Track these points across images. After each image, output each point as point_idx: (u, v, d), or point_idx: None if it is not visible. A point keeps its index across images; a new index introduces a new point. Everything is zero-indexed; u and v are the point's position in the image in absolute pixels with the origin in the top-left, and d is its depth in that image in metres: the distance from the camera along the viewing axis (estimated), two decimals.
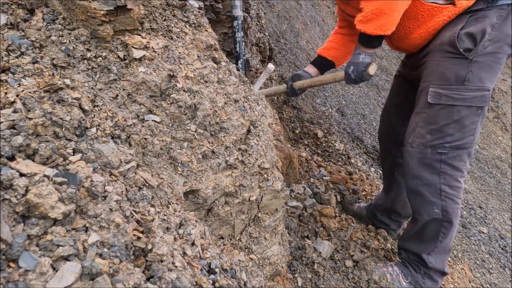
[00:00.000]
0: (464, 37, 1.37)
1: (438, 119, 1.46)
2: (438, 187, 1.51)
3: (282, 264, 1.37)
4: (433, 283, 1.67)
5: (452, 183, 1.51)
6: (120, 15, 0.96)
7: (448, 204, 1.52)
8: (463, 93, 1.40)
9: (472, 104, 1.40)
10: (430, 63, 1.49)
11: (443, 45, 1.44)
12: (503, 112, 5.43)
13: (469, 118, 1.43)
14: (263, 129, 1.26)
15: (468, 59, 1.38)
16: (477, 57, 1.37)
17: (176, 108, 1.00)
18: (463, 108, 1.41)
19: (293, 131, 2.85)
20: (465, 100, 1.40)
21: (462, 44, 1.37)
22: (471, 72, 1.38)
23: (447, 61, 1.42)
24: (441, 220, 1.55)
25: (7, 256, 0.56)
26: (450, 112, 1.43)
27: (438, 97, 1.44)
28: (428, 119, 1.49)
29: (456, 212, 1.55)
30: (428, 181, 1.52)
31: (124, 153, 0.84)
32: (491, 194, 3.64)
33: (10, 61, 0.82)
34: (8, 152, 0.66)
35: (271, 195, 1.25)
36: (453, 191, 1.52)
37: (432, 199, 1.53)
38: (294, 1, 4.32)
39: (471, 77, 1.38)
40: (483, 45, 1.35)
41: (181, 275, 0.72)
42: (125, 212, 0.74)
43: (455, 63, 1.40)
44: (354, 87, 3.94)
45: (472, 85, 1.39)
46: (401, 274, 1.69)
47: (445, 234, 1.58)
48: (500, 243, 2.75)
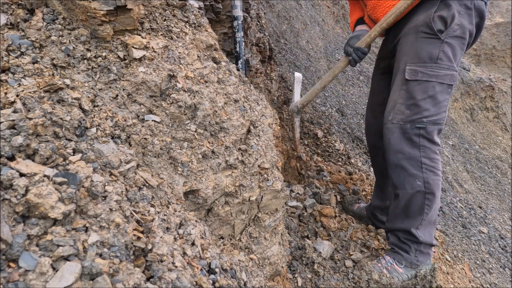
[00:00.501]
0: (437, 19, 1.52)
1: (415, 94, 1.58)
2: (419, 160, 1.61)
3: (282, 264, 1.37)
4: (425, 256, 1.73)
5: (431, 155, 1.62)
6: (120, 15, 0.96)
7: (429, 176, 1.62)
8: (436, 71, 1.55)
9: (444, 81, 1.56)
10: (405, 45, 1.63)
11: (418, 27, 1.58)
12: (503, 112, 5.44)
13: (442, 95, 1.57)
14: (263, 129, 1.26)
15: (440, 39, 1.53)
16: (447, 38, 1.53)
17: (176, 108, 1.00)
18: (436, 84, 1.56)
19: None
20: (438, 77, 1.55)
21: (436, 25, 1.52)
22: (442, 52, 1.53)
23: (421, 41, 1.57)
24: (424, 192, 1.64)
25: (7, 256, 0.56)
26: (426, 88, 1.56)
27: (415, 74, 1.58)
28: (406, 95, 1.61)
29: (437, 184, 1.65)
30: (409, 154, 1.62)
31: (124, 153, 0.84)
32: (491, 194, 3.64)
33: (10, 61, 0.82)
34: (8, 152, 0.66)
35: (271, 195, 1.25)
36: (432, 163, 1.63)
37: (414, 171, 1.63)
38: (294, 1, 4.32)
39: (443, 56, 1.53)
40: (452, 28, 1.51)
41: (181, 275, 0.72)
42: (125, 212, 0.74)
43: (429, 42, 1.55)
44: (354, 87, 3.94)
45: (444, 63, 1.54)
46: (395, 262, 1.75)
47: (430, 206, 1.67)
48: (500, 243, 2.75)
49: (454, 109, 5.04)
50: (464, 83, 5.28)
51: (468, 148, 4.35)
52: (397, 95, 1.65)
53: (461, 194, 3.21)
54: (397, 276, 1.70)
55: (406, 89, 1.61)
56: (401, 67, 1.63)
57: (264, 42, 2.32)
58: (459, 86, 5.23)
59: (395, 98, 1.66)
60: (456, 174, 3.56)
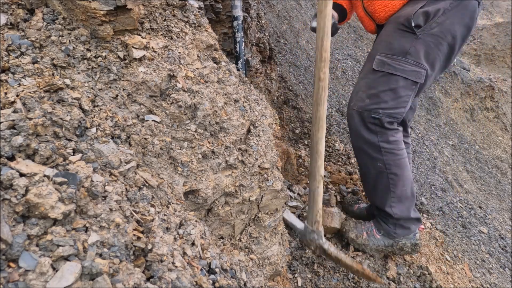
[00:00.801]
0: (420, 14, 1.51)
1: (377, 84, 1.60)
2: (377, 145, 1.67)
3: (282, 264, 1.37)
4: (404, 230, 1.80)
5: (389, 139, 1.66)
6: (120, 15, 0.96)
7: (389, 158, 1.68)
8: (403, 65, 1.55)
9: (409, 77, 1.55)
10: (383, 33, 1.65)
11: (398, 18, 1.58)
12: (503, 112, 5.44)
13: (404, 90, 1.58)
14: (263, 129, 1.26)
15: (415, 35, 1.52)
16: (422, 35, 1.52)
17: (176, 108, 1.00)
18: (400, 79, 1.56)
19: (293, 131, 2.85)
20: (404, 72, 1.55)
21: (416, 20, 1.51)
22: (413, 47, 1.52)
23: (396, 33, 1.57)
24: (386, 173, 1.71)
25: (7, 256, 0.56)
26: (389, 80, 1.58)
27: (382, 65, 1.59)
28: (369, 83, 1.64)
29: (398, 163, 1.70)
30: (368, 139, 1.68)
31: (124, 153, 0.84)
32: (491, 194, 3.64)
33: (10, 61, 0.82)
34: (8, 152, 0.66)
35: (271, 195, 1.25)
36: (391, 145, 1.67)
37: (374, 155, 1.69)
38: (294, 1, 4.32)
39: (413, 52, 1.53)
40: (430, 25, 1.49)
41: (181, 275, 0.72)
42: (125, 212, 0.74)
43: (403, 35, 1.55)
44: None
45: (412, 59, 1.54)
46: (375, 229, 1.84)
47: (395, 185, 1.72)
48: (500, 243, 2.75)
49: (454, 109, 5.04)
50: (464, 83, 5.28)
51: (468, 148, 4.35)
52: (362, 83, 1.69)
53: (461, 194, 3.21)
54: (374, 241, 1.81)
55: (371, 78, 1.63)
56: (372, 54, 1.66)
57: (264, 42, 2.31)
58: (459, 86, 5.23)
59: (360, 85, 1.70)
60: (456, 174, 3.56)
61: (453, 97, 5.10)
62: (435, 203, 2.81)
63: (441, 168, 3.43)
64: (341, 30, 4.85)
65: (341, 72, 4.07)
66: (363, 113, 1.65)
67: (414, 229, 1.82)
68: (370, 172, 1.77)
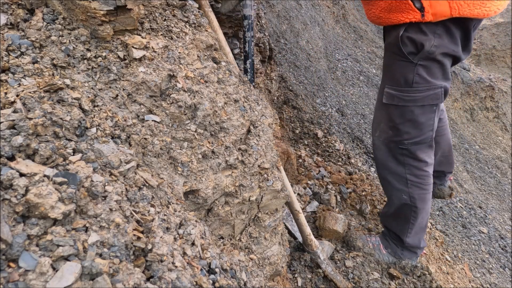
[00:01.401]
0: (406, 40, 1.39)
1: (393, 117, 1.53)
2: (404, 177, 1.61)
3: (282, 264, 1.37)
4: (410, 253, 1.84)
5: (417, 173, 1.60)
6: (120, 15, 0.96)
7: (414, 191, 1.63)
8: (413, 95, 1.44)
9: (424, 103, 1.45)
10: (385, 62, 1.57)
11: (391, 46, 1.48)
12: (503, 112, 5.43)
13: (423, 116, 1.48)
14: (263, 129, 1.26)
15: (413, 63, 1.41)
16: (421, 61, 1.40)
17: (176, 108, 1.00)
18: (415, 108, 1.46)
19: (293, 131, 2.85)
20: (417, 101, 1.45)
21: (406, 48, 1.40)
22: (417, 75, 1.41)
23: (395, 64, 1.47)
24: (410, 205, 1.67)
25: (7, 256, 0.56)
26: (403, 112, 1.49)
27: (391, 98, 1.51)
28: (386, 117, 1.58)
29: (423, 197, 1.66)
30: (394, 170, 1.63)
31: (124, 153, 0.84)
32: (491, 194, 3.64)
33: (10, 61, 0.82)
34: (8, 152, 0.66)
35: (271, 195, 1.25)
36: (418, 179, 1.62)
37: (399, 186, 1.65)
38: (294, 1, 4.32)
39: (419, 79, 1.42)
40: (428, 51, 1.37)
41: (181, 275, 0.72)
42: (125, 212, 0.74)
43: (402, 66, 1.44)
44: (354, 87, 3.94)
45: (421, 86, 1.42)
46: (382, 245, 1.86)
47: (415, 218, 1.70)
48: (500, 243, 2.75)
49: (454, 109, 5.04)
50: (464, 83, 5.28)
51: (468, 148, 4.35)
52: (379, 114, 1.63)
53: (461, 194, 3.20)
54: (379, 254, 1.85)
55: (386, 111, 1.57)
56: (381, 87, 1.59)
57: (264, 42, 2.32)
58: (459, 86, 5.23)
59: (379, 117, 1.63)
60: (456, 174, 3.56)
61: (453, 97, 5.10)
62: (435, 203, 2.81)
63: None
64: (341, 30, 4.85)
65: (341, 72, 4.07)
66: (389, 144, 1.60)
67: (419, 253, 1.87)
68: (393, 202, 1.73)
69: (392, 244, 1.88)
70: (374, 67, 4.63)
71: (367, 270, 1.85)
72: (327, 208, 2.12)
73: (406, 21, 1.37)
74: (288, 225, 1.81)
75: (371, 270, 1.86)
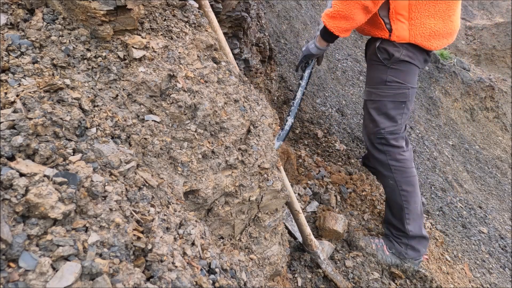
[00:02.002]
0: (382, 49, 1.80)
1: (371, 111, 1.89)
2: (387, 163, 1.89)
3: (282, 264, 1.37)
4: (415, 252, 1.94)
5: (397, 157, 1.88)
6: (120, 15, 0.96)
7: (398, 175, 1.88)
8: (386, 91, 1.83)
9: (395, 99, 1.82)
10: (367, 70, 1.96)
11: (370, 54, 1.89)
12: (503, 112, 5.43)
13: (395, 110, 1.84)
14: (263, 129, 1.26)
15: (386, 66, 1.80)
16: (393, 65, 1.79)
17: (176, 108, 1.00)
18: (388, 103, 1.83)
19: (293, 131, 2.85)
20: (388, 97, 1.83)
21: (381, 55, 1.80)
22: (390, 76, 1.80)
23: (373, 68, 1.87)
24: (398, 189, 1.90)
25: (7, 256, 0.56)
26: (379, 106, 1.86)
27: (369, 95, 1.90)
28: (367, 112, 1.93)
29: (407, 180, 1.89)
30: (379, 159, 1.92)
31: (124, 153, 0.84)
32: (491, 194, 3.64)
33: (10, 61, 0.82)
34: (8, 152, 0.66)
35: (271, 195, 1.25)
36: (399, 163, 1.88)
37: (386, 173, 1.92)
38: (294, 1, 4.32)
39: (390, 79, 1.80)
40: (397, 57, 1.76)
41: (181, 275, 0.72)
42: (125, 212, 0.74)
43: (378, 69, 1.84)
44: (354, 87, 3.94)
45: (392, 85, 1.81)
46: (386, 245, 1.97)
47: (408, 201, 1.90)
48: (500, 243, 2.75)
49: (454, 109, 5.03)
50: (464, 83, 5.27)
51: (468, 148, 4.35)
52: (364, 113, 2.00)
53: (461, 194, 3.20)
54: (382, 255, 1.94)
55: (366, 109, 1.94)
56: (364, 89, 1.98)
57: (264, 42, 2.31)
58: (459, 86, 5.22)
59: (364, 116, 2.01)
60: (456, 174, 3.55)
61: (453, 97, 5.10)
62: (435, 203, 2.81)
63: (441, 168, 3.43)
64: None
65: (341, 72, 4.06)
66: (370, 136, 1.92)
67: (423, 252, 1.97)
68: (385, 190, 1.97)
69: (396, 243, 1.94)
70: None
71: (367, 270, 1.85)
72: (327, 208, 2.12)
73: (379, 36, 1.80)
74: (288, 225, 1.81)
75: (371, 270, 1.86)
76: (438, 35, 1.73)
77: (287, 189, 1.35)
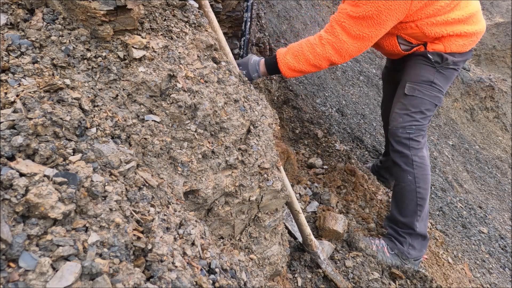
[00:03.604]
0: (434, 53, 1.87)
1: (410, 107, 1.95)
2: (410, 158, 1.94)
3: (282, 264, 1.37)
4: (416, 252, 1.96)
5: (419, 154, 1.95)
6: (120, 15, 0.96)
7: (418, 171, 1.94)
8: (429, 91, 1.92)
9: (433, 101, 1.94)
10: (409, 68, 2.00)
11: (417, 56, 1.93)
12: (503, 112, 5.43)
13: (429, 111, 1.95)
14: (263, 129, 1.26)
15: (436, 68, 1.89)
16: (441, 69, 1.89)
17: (176, 108, 1.00)
18: (427, 102, 1.93)
19: (293, 131, 2.85)
20: (430, 97, 1.93)
21: (433, 57, 1.88)
22: (436, 78, 1.90)
23: (420, 66, 1.93)
24: (415, 186, 1.95)
25: (7, 256, 0.56)
26: (418, 103, 1.94)
27: (412, 90, 1.95)
28: (402, 106, 1.98)
29: (425, 178, 1.96)
30: (403, 153, 1.96)
31: (124, 153, 0.84)
32: (491, 194, 3.64)
33: (10, 61, 0.82)
34: (8, 152, 0.66)
35: (271, 195, 1.25)
36: (421, 160, 1.95)
37: (406, 168, 1.96)
38: (294, 1, 4.32)
39: (436, 81, 1.91)
40: (448, 62, 1.87)
41: (181, 275, 0.72)
42: (125, 212, 0.74)
43: (427, 69, 1.91)
44: (354, 87, 3.94)
45: (436, 87, 1.92)
46: (386, 247, 1.98)
47: (422, 198, 1.96)
48: (500, 243, 2.75)
49: (454, 109, 5.03)
50: (464, 83, 5.27)
51: (468, 148, 4.35)
52: (396, 106, 2.02)
53: (461, 194, 3.20)
54: (382, 256, 1.95)
55: (403, 102, 1.98)
56: (403, 83, 2.01)
57: (264, 42, 2.32)
58: (459, 86, 5.22)
59: (395, 108, 2.02)
60: (456, 174, 3.55)
61: (453, 97, 5.10)
62: (435, 203, 2.81)
63: (441, 168, 3.43)
64: None
65: (341, 72, 4.07)
66: (397, 129, 1.96)
67: (423, 252, 2.01)
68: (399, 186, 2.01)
69: (398, 243, 1.95)
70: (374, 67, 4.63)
71: (367, 270, 1.85)
72: (327, 208, 2.12)
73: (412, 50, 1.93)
74: (288, 225, 1.81)
75: (371, 270, 1.86)
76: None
77: (287, 189, 1.34)
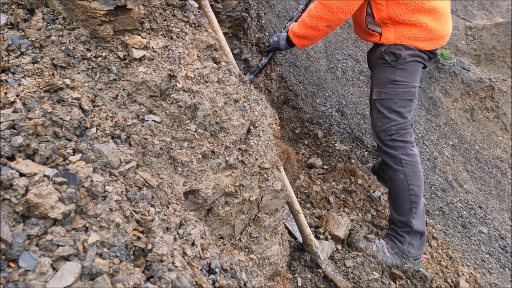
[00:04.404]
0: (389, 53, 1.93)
1: (383, 110, 2.00)
2: (398, 157, 1.97)
3: (282, 264, 1.37)
4: (416, 250, 1.98)
5: (408, 152, 1.97)
6: (120, 15, 0.96)
7: (409, 169, 1.96)
8: (395, 90, 1.95)
9: (403, 97, 1.95)
10: (373, 74, 2.11)
11: (376, 58, 2.02)
12: (503, 112, 5.43)
13: (403, 108, 1.96)
14: (263, 129, 1.26)
15: (395, 67, 1.93)
16: (400, 65, 1.92)
17: (176, 108, 1.00)
18: (397, 100, 1.96)
19: (293, 131, 2.85)
20: (398, 95, 1.95)
21: (388, 57, 1.93)
22: (398, 75, 1.93)
23: (381, 70, 2.00)
24: (407, 183, 1.97)
25: (7, 256, 0.56)
26: (389, 104, 1.97)
27: (379, 94, 2.01)
28: (376, 111, 2.04)
29: (417, 175, 1.98)
30: (391, 154, 2.00)
31: (124, 153, 0.84)
32: (491, 194, 3.64)
33: (10, 61, 0.82)
34: (8, 152, 0.66)
35: (271, 195, 1.25)
36: (410, 158, 1.97)
37: (396, 167, 1.98)
38: (294, 1, 4.32)
39: (399, 78, 1.93)
40: (402, 57, 1.90)
41: (181, 275, 0.72)
42: (125, 212, 0.74)
43: (386, 70, 1.97)
44: (354, 87, 3.94)
45: (400, 83, 1.94)
46: (386, 246, 2.00)
47: (416, 195, 1.97)
48: (500, 243, 2.75)
49: (454, 109, 5.03)
50: (464, 83, 5.27)
51: (468, 148, 4.35)
52: (372, 113, 2.11)
53: (461, 194, 3.20)
54: (383, 256, 1.97)
55: (376, 107, 2.04)
56: (371, 91, 2.11)
57: (264, 42, 2.32)
58: (459, 86, 5.22)
59: (372, 115, 2.12)
60: (456, 174, 3.55)
61: (453, 97, 5.10)
62: (435, 203, 2.81)
63: (441, 168, 3.43)
64: (341, 30, 4.85)
65: (341, 72, 4.06)
66: (380, 134, 2.02)
67: (422, 250, 2.02)
68: (392, 185, 2.03)
69: (398, 242, 1.95)
70: None
71: (367, 270, 1.85)
72: (331, 207, 2.12)
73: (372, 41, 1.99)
74: (288, 225, 1.81)
75: (371, 270, 1.86)
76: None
77: (287, 189, 1.34)
